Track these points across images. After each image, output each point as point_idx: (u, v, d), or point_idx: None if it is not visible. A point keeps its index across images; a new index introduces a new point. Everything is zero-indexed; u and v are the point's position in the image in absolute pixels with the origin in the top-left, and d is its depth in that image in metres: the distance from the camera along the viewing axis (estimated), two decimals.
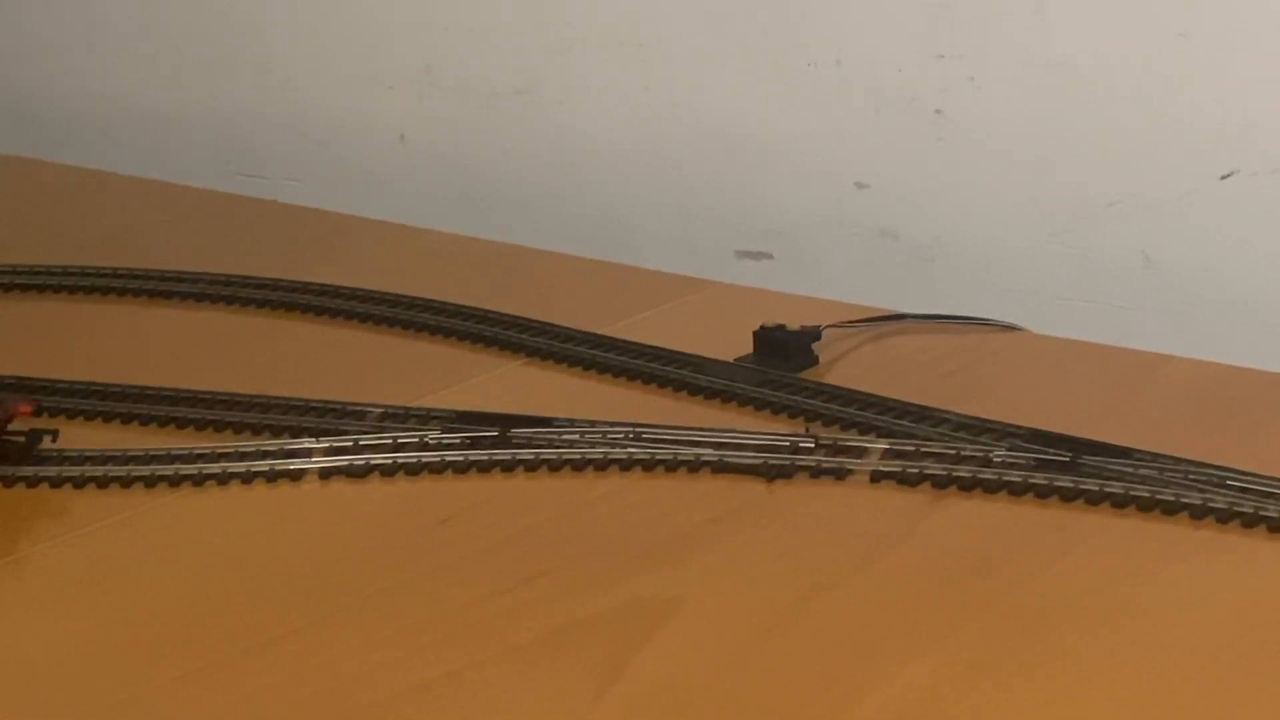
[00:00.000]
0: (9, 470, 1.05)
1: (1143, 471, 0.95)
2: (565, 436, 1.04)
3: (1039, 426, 1.00)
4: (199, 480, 1.03)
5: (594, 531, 0.96)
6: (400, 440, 1.05)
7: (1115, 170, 1.28)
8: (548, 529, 0.96)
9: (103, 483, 1.04)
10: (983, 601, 0.86)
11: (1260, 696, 0.77)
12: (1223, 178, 1.24)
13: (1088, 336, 1.18)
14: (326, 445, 1.05)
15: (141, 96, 1.87)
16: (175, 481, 1.03)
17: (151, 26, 1.85)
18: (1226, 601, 0.84)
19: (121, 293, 1.39)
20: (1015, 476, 0.96)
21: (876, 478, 0.98)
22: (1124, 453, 0.97)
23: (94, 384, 1.17)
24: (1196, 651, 0.81)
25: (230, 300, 1.35)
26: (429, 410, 1.09)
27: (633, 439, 1.03)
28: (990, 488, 0.96)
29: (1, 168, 1.81)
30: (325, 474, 1.03)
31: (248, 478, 1.03)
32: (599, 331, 1.20)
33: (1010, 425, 1.01)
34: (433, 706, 0.80)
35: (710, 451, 1.01)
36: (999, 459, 0.97)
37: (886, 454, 1.00)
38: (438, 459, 1.03)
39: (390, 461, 1.03)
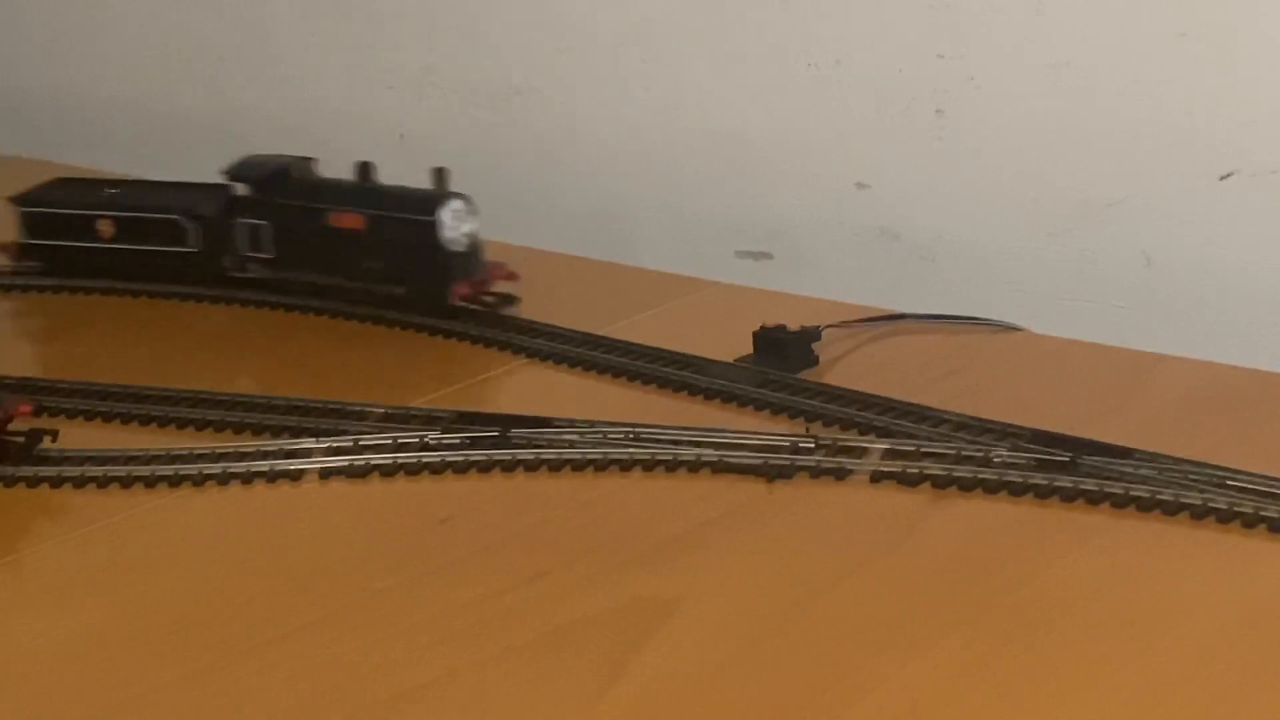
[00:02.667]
0: (9, 470, 1.05)
1: (1143, 471, 0.95)
2: (565, 436, 1.04)
3: (1039, 426, 1.00)
4: (199, 480, 1.03)
5: (594, 531, 0.96)
6: (400, 440, 1.05)
7: (1115, 170, 1.28)
8: (548, 529, 0.96)
9: (103, 483, 1.04)
10: (983, 601, 0.86)
11: (1260, 696, 0.77)
12: (1223, 178, 1.23)
13: (1088, 336, 1.18)
14: (326, 445, 1.05)
15: (141, 96, 1.87)
16: (175, 481, 1.03)
17: (151, 26, 1.85)
18: (1226, 601, 0.84)
19: (122, 293, 1.39)
20: (1015, 476, 0.96)
21: (876, 478, 0.98)
22: (1124, 453, 0.97)
23: (94, 384, 1.17)
24: (1197, 651, 0.81)
25: (230, 300, 1.35)
26: (429, 410, 1.09)
27: (633, 439, 1.03)
28: (990, 488, 0.96)
29: (1, 168, 1.81)
30: (325, 474, 1.03)
31: (248, 478, 1.03)
32: (599, 331, 1.21)
33: (1010, 425, 1.01)
34: (433, 706, 0.80)
35: (710, 451, 1.01)
36: (999, 459, 0.97)
37: (886, 454, 1.00)
38: (438, 459, 1.03)
39: (390, 461, 1.03)
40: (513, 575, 0.91)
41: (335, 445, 1.05)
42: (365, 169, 1.27)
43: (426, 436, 1.05)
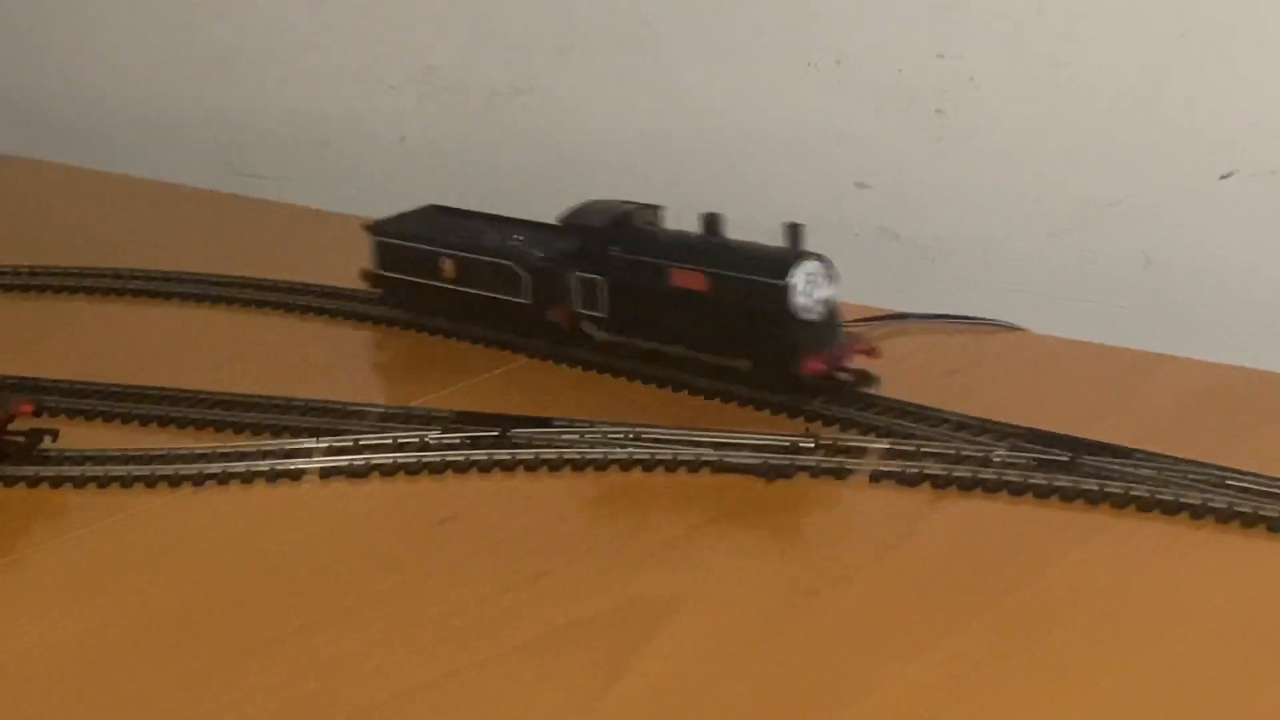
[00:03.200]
0: (9, 470, 1.05)
1: (1143, 471, 0.95)
2: (565, 436, 1.04)
3: (1039, 426, 1.00)
4: (199, 480, 1.03)
5: (594, 531, 0.96)
6: (400, 440, 1.05)
7: (1115, 170, 1.28)
8: (548, 529, 0.96)
9: (103, 483, 1.04)
10: (983, 601, 0.86)
11: (1260, 696, 0.77)
12: (1223, 178, 1.23)
13: (1088, 336, 1.18)
14: (326, 445, 1.05)
15: (141, 96, 1.87)
16: (175, 481, 1.03)
17: (151, 27, 1.85)
18: (1226, 601, 0.84)
19: (121, 293, 1.39)
20: (1015, 476, 0.96)
21: (876, 478, 0.98)
22: (1124, 453, 0.97)
23: (94, 384, 1.17)
24: (1196, 651, 0.81)
25: (230, 300, 1.35)
26: (429, 410, 1.09)
27: (633, 439, 1.03)
28: (990, 488, 0.96)
29: (1, 168, 1.81)
30: (325, 474, 1.03)
31: (248, 478, 1.03)
32: None
33: (1010, 425, 1.01)
34: (433, 706, 0.81)
35: (710, 451, 1.01)
36: (999, 459, 0.97)
37: (886, 454, 1.00)
38: (438, 459, 1.03)
39: (390, 461, 1.03)
40: (513, 575, 0.91)
41: (335, 445, 1.05)
42: (712, 221, 1.13)
43: (426, 436, 1.05)
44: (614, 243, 1.14)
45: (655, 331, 1.13)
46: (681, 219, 1.15)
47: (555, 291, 1.17)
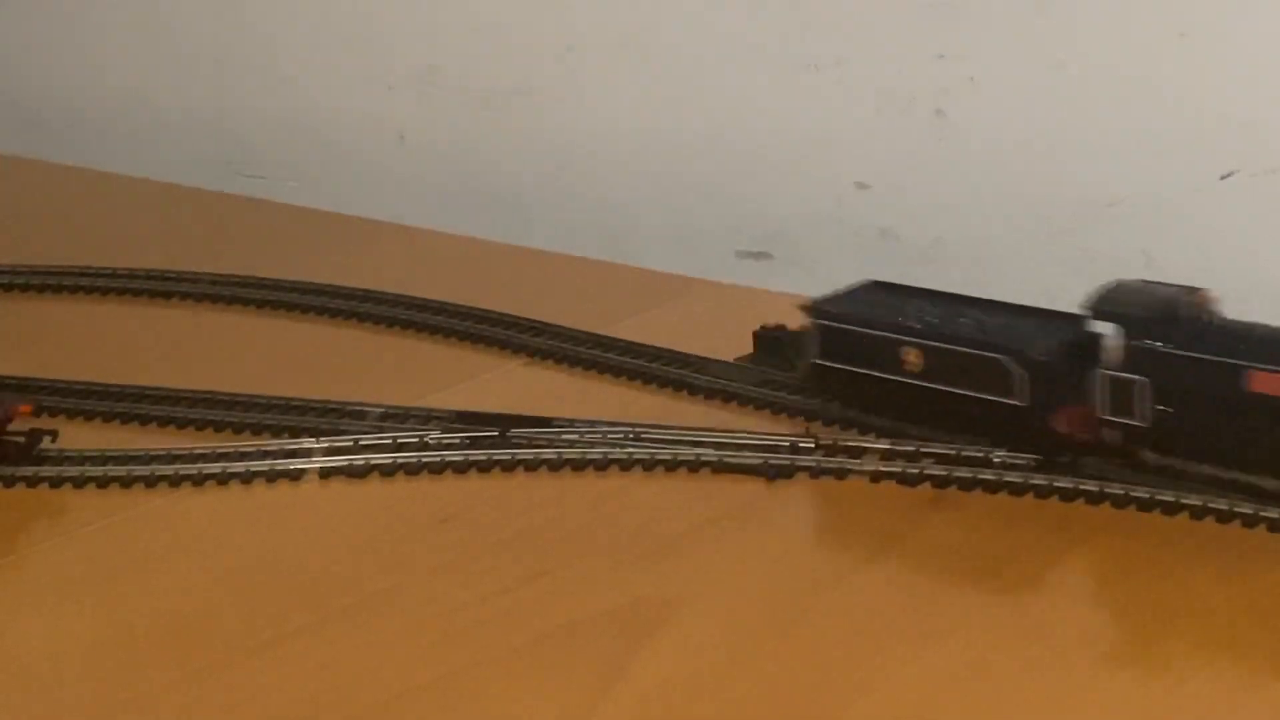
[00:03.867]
0: (9, 470, 1.05)
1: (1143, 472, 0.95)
2: (565, 436, 1.04)
3: None
4: (199, 480, 1.03)
5: (594, 531, 0.96)
6: (400, 440, 1.05)
7: (1115, 170, 1.28)
8: (548, 529, 0.96)
9: (103, 483, 1.04)
10: (983, 601, 0.86)
11: (1260, 697, 0.77)
12: (1223, 178, 1.23)
13: None
14: (326, 445, 1.05)
15: (141, 96, 1.87)
16: (175, 481, 1.03)
17: (151, 26, 1.85)
18: (1226, 602, 0.84)
19: (121, 293, 1.39)
20: (1015, 477, 0.96)
21: (876, 478, 0.98)
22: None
23: (94, 384, 1.17)
24: (1196, 652, 0.81)
25: (230, 300, 1.35)
26: (429, 410, 1.09)
27: (633, 439, 1.03)
28: (990, 488, 0.96)
29: (1, 168, 1.81)
30: (325, 474, 1.03)
31: (248, 478, 1.03)
32: (599, 331, 1.20)
33: None
34: (433, 706, 0.80)
35: (710, 451, 1.01)
36: (999, 459, 0.97)
37: (886, 454, 1.00)
38: (438, 459, 1.03)
39: (390, 461, 1.03)
40: (513, 575, 0.91)
41: (335, 445, 1.05)
42: None
43: (426, 436, 1.05)
44: (1159, 335, 0.94)
45: (1216, 446, 0.93)
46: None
47: (1066, 393, 0.96)
